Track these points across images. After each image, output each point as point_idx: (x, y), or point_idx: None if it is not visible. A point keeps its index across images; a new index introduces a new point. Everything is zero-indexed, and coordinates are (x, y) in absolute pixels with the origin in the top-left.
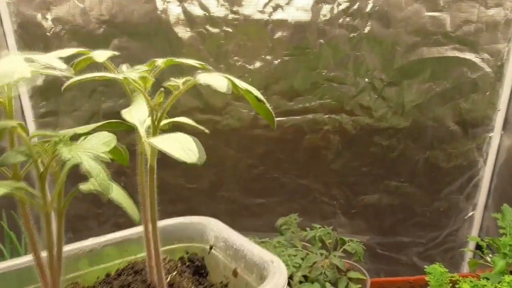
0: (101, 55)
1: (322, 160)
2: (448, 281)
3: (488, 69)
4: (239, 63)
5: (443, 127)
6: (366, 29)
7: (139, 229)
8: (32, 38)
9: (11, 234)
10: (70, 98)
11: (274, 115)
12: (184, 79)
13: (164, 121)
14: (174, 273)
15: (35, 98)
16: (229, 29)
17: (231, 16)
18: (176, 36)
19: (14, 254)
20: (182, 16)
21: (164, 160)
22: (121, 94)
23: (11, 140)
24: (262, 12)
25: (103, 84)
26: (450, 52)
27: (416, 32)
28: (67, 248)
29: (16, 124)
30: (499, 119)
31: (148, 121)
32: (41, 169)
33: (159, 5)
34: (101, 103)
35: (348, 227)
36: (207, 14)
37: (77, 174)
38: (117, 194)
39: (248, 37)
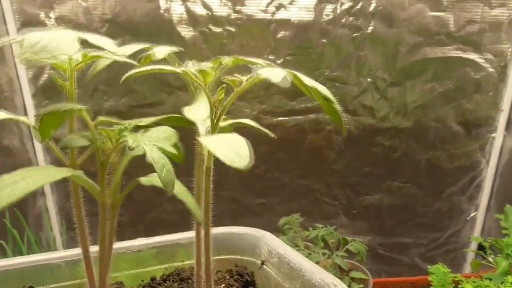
0: (161, 52)
1: (324, 160)
2: (451, 282)
3: (491, 70)
4: None
5: (445, 128)
6: (369, 29)
7: (189, 234)
8: None
9: (13, 231)
10: None
11: (344, 118)
12: (248, 75)
13: (227, 122)
14: (222, 285)
15: (37, 97)
16: (232, 29)
17: (234, 15)
18: (179, 35)
19: (16, 251)
20: (185, 15)
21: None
22: (123, 93)
23: (71, 125)
24: (265, 11)
25: (105, 83)
26: (453, 52)
27: (419, 32)
28: (115, 246)
29: (82, 108)
30: (502, 120)
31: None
32: (102, 157)
33: (162, 4)
34: (103, 102)
35: (349, 227)
36: (210, 13)
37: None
38: (180, 190)
39: (251, 37)
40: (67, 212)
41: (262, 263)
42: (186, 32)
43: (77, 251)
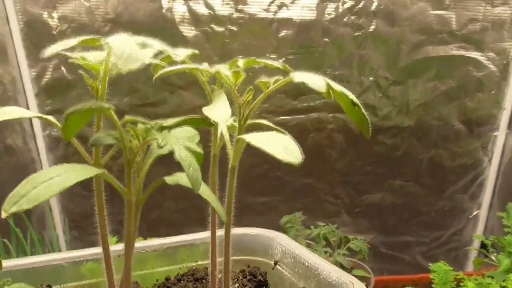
0: (181, 54)
1: (326, 159)
2: (453, 279)
3: (493, 68)
4: None
5: (448, 126)
6: (371, 28)
7: (204, 235)
8: (38, 36)
9: (17, 231)
10: (75, 96)
11: (369, 122)
12: (275, 78)
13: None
14: (236, 285)
15: (40, 97)
16: (234, 28)
17: (236, 14)
18: (181, 35)
19: (20, 250)
20: (187, 15)
21: (166, 157)
22: (125, 92)
23: (98, 124)
24: (267, 10)
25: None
26: (455, 50)
27: (421, 30)
28: None
29: (110, 107)
30: (504, 118)
31: (230, 121)
32: (129, 155)
33: (164, 3)
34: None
35: (351, 226)
36: (212, 12)
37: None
38: (204, 189)
39: (253, 36)
40: (70, 212)
41: (276, 263)
42: (188, 31)
43: (86, 252)
